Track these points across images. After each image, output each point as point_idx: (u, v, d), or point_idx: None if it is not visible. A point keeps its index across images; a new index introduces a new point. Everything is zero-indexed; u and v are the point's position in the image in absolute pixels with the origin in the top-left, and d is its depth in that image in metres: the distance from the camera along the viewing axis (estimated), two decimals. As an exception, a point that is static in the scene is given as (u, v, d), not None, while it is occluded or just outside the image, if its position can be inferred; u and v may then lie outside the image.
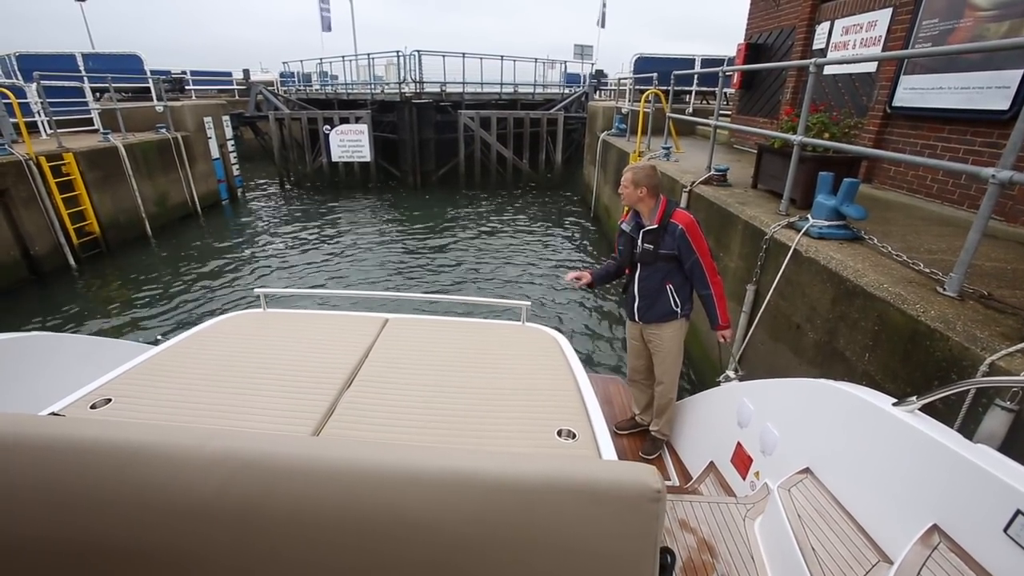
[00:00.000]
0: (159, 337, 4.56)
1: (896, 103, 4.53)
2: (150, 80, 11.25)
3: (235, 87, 19.39)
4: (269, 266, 8.24)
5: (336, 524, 0.93)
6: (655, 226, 2.71)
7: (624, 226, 2.91)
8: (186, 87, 16.63)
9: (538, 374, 2.03)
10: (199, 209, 10.72)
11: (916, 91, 4.34)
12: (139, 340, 4.57)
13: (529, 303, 2.57)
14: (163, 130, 10.04)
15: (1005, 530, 1.30)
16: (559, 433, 1.64)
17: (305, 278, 7.75)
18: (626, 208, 2.87)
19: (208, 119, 11.16)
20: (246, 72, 19.49)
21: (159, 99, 10.40)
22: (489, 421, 1.70)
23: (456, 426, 1.66)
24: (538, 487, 0.92)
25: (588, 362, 5.17)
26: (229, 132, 12.11)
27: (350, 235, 9.98)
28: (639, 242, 2.79)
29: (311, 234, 10.03)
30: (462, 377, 1.96)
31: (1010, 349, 1.75)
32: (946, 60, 4.03)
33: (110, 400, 1.67)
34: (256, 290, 2.50)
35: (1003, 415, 1.68)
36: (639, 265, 2.85)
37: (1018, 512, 1.27)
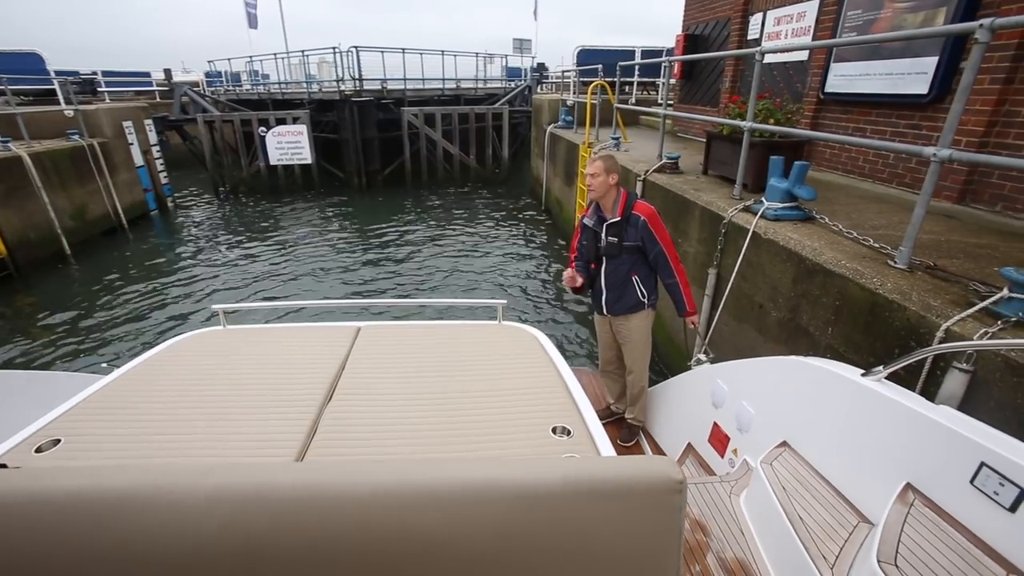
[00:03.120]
0: (104, 365, 4.14)
1: (828, 89, 4.81)
2: (55, 81, 10.22)
3: (155, 88, 17.96)
4: (212, 280, 7.70)
5: (350, 550, 0.86)
6: (618, 219, 2.74)
7: (586, 221, 2.92)
8: (98, 89, 15.25)
9: (522, 372, 2.00)
10: (124, 222, 9.88)
11: (845, 78, 4.62)
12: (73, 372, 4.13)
13: (505, 301, 2.53)
14: (76, 136, 9.16)
15: (971, 482, 1.39)
16: (553, 431, 1.62)
17: (256, 291, 7.30)
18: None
19: (128, 123, 10.28)
20: (167, 72, 18.10)
21: (68, 102, 9.47)
22: (481, 425, 1.66)
23: (448, 433, 1.60)
24: (558, 491, 0.89)
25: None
26: (153, 137, 11.22)
27: (299, 242, 9.52)
28: (603, 236, 2.82)
29: (255, 243, 9.49)
30: (446, 382, 1.90)
31: (962, 315, 1.88)
32: (870, 48, 4.32)
33: (59, 441, 1.49)
34: (213, 306, 2.31)
35: (961, 376, 1.81)
36: (604, 259, 2.87)
37: (982, 464, 1.36)
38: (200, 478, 0.86)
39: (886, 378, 1.75)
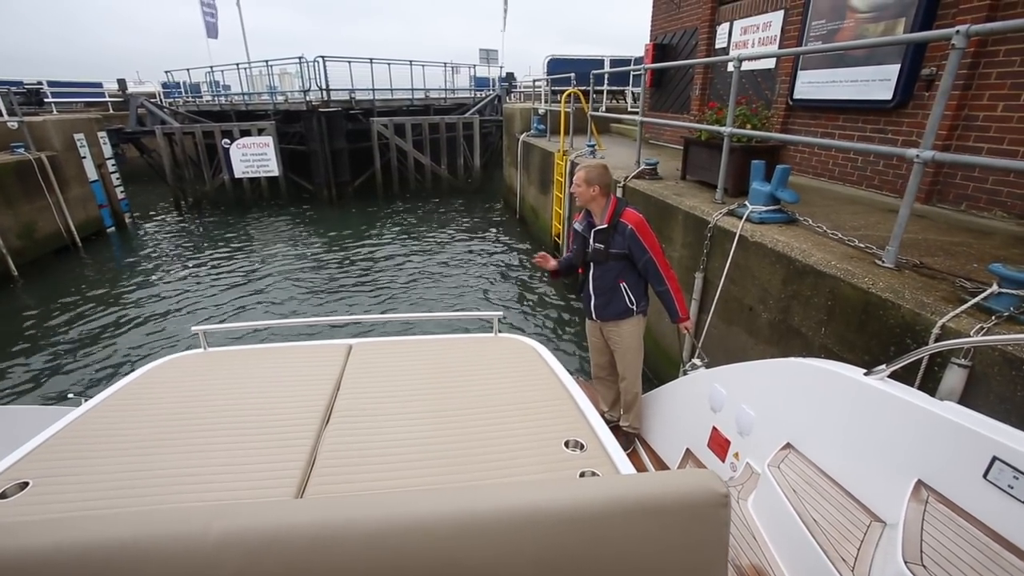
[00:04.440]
0: (72, 396, 3.83)
1: (796, 96, 4.97)
2: (-4, 92, 9.63)
3: (108, 99, 17.15)
4: (180, 301, 7.29)
5: None
6: (605, 226, 2.74)
7: (577, 226, 2.93)
8: (45, 100, 14.46)
9: (526, 385, 1.94)
10: (78, 240, 9.34)
11: (813, 84, 4.78)
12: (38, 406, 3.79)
13: (501, 313, 2.47)
14: (20, 150, 8.63)
15: (984, 476, 1.39)
16: (566, 445, 1.57)
17: (229, 312, 6.94)
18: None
19: (80, 136, 9.75)
20: (122, 83, 17.30)
21: (11, 113, 8.92)
22: (491, 443, 1.59)
23: (459, 454, 1.53)
24: (605, 511, 0.86)
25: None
26: (108, 150, 10.67)
27: (271, 259, 9.15)
28: (591, 241, 2.81)
29: (224, 260, 9.09)
30: (448, 399, 1.82)
31: (957, 311, 1.92)
32: (836, 56, 4.48)
33: (27, 484, 1.33)
34: (193, 327, 2.16)
35: (960, 372, 1.84)
36: (592, 264, 2.86)
37: (994, 458, 1.37)
38: (206, 523, 0.77)
39: (888, 376, 1.77)
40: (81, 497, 1.30)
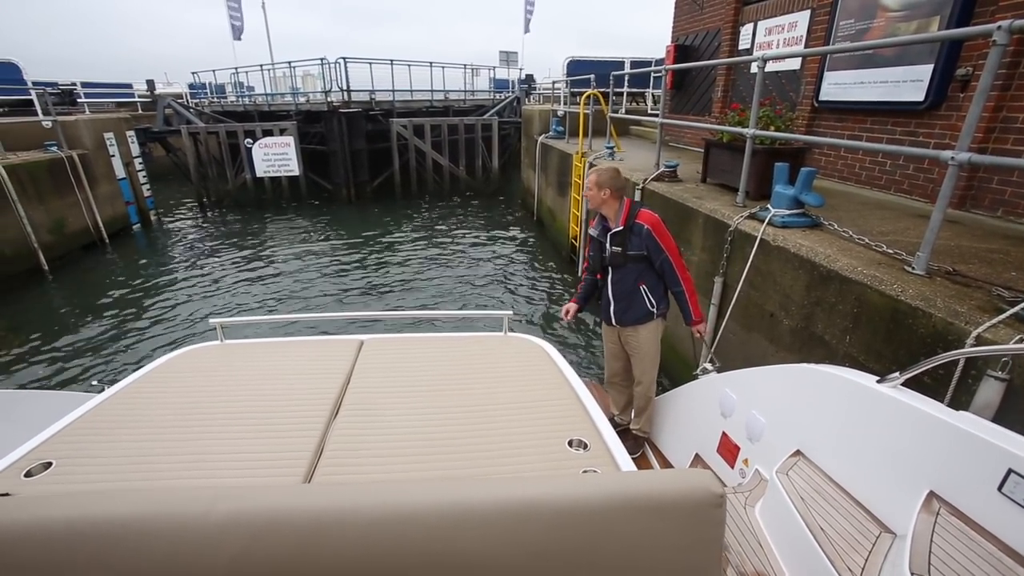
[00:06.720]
0: (95, 383, 3.95)
1: (822, 97, 4.83)
2: (32, 92, 9.96)
3: (137, 100, 17.67)
4: (201, 295, 7.44)
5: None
6: (621, 228, 2.70)
7: (592, 231, 2.90)
8: (77, 100, 14.95)
9: (533, 384, 1.95)
10: (105, 236, 9.60)
11: (840, 86, 4.65)
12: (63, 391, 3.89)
13: (511, 312, 2.45)
14: (54, 148, 8.91)
15: (999, 489, 1.32)
16: (570, 444, 1.56)
17: (248, 306, 7.06)
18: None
19: (110, 135, 10.05)
20: (150, 83, 17.80)
21: (46, 113, 9.22)
22: (495, 439, 1.60)
23: (462, 449, 1.54)
24: (602, 508, 0.86)
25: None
26: (136, 149, 10.97)
27: (290, 256, 9.28)
28: (607, 245, 2.78)
29: (244, 257, 9.26)
30: (455, 395, 1.84)
31: (994, 320, 1.82)
32: (865, 56, 4.35)
33: (50, 464, 1.39)
34: (211, 320, 2.21)
35: (996, 384, 1.75)
36: (611, 269, 2.82)
37: (1010, 471, 1.30)
38: (211, 504, 0.79)
39: (905, 385, 1.69)
40: (99, 477, 1.34)
